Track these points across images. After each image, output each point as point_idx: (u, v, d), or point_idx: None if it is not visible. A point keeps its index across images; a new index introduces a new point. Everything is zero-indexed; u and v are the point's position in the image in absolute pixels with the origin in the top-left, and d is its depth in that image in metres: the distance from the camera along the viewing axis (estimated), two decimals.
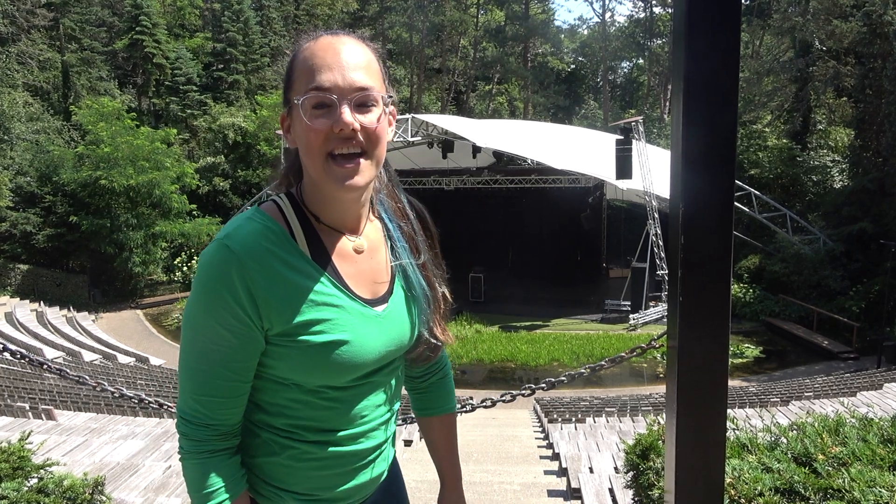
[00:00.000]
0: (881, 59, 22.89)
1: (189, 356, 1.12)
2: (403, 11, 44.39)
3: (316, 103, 1.08)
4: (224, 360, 1.10)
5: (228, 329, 1.08)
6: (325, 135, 1.07)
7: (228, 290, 1.06)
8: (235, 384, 1.13)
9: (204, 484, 1.13)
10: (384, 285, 1.23)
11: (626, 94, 52.39)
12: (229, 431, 1.16)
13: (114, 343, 21.54)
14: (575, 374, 3.35)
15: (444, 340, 1.31)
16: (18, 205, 28.03)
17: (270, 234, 1.11)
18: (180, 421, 1.15)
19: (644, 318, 21.84)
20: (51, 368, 3.56)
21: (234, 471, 1.17)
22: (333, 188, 1.11)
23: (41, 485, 2.67)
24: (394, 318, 1.22)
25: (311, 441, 1.18)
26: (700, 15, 0.85)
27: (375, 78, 1.11)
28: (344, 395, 1.19)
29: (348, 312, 1.15)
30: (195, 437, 1.13)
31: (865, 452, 2.01)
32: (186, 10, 44.36)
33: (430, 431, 1.50)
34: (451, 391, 1.51)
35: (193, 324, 1.11)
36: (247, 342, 1.10)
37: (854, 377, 14.77)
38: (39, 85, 35.20)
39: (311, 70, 1.08)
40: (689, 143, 0.87)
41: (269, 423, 1.19)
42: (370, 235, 1.24)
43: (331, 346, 1.11)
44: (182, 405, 1.14)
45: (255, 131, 35.40)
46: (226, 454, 1.16)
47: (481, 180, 24.82)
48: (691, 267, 0.90)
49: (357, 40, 1.13)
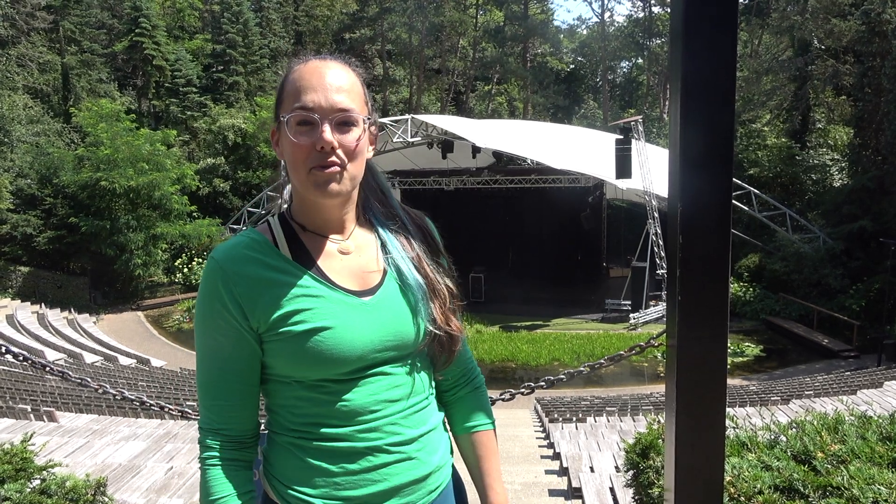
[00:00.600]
0: (880, 57, 22.88)
1: (198, 365, 1.23)
2: (403, 12, 44.36)
3: (300, 121, 1.17)
4: (224, 364, 1.20)
5: (223, 335, 1.18)
6: (308, 151, 1.16)
7: (217, 298, 1.18)
8: (238, 387, 1.21)
9: (211, 492, 1.19)
10: (374, 280, 1.26)
11: (625, 94, 52.38)
12: (240, 439, 1.23)
13: (115, 345, 21.53)
14: (574, 373, 3.36)
15: (450, 331, 1.30)
16: (19, 207, 28.02)
17: (253, 244, 1.22)
18: (199, 430, 1.24)
19: (644, 318, 21.84)
20: (53, 371, 3.57)
21: (241, 483, 1.21)
22: (314, 195, 1.19)
23: (44, 486, 2.68)
24: (384, 307, 1.23)
25: (324, 438, 1.20)
26: (697, 14, 0.85)
27: (357, 100, 1.20)
28: (346, 387, 1.20)
29: (330, 302, 1.20)
30: (208, 444, 1.21)
31: (864, 450, 2.01)
32: (186, 11, 44.36)
33: (465, 451, 1.43)
34: (484, 406, 1.44)
35: (197, 335, 1.23)
36: (241, 345, 1.19)
37: (854, 375, 14.77)
38: (39, 87, 35.20)
39: (297, 91, 1.18)
40: (687, 143, 0.88)
41: (284, 425, 1.24)
42: (357, 238, 1.30)
43: (313, 332, 1.16)
44: (200, 415, 1.24)
45: (255, 133, 35.40)
46: (236, 465, 1.22)
47: (481, 180, 24.82)
48: (690, 266, 0.90)
49: (343, 65, 1.22)
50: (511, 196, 26.11)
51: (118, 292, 28.89)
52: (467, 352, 1.44)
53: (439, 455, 1.32)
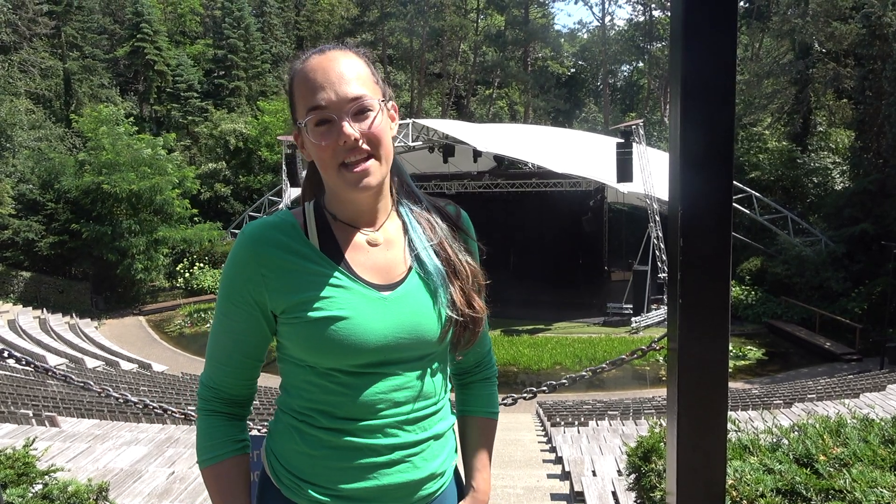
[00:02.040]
0: (881, 60, 22.90)
1: (214, 326, 1.28)
2: (403, 17, 44.47)
3: (318, 121, 1.17)
4: (236, 336, 1.24)
5: (240, 310, 1.22)
6: (333, 149, 1.17)
7: (242, 275, 1.21)
8: (242, 359, 1.26)
9: (201, 438, 1.27)
10: (398, 275, 1.26)
11: (626, 98, 52.43)
12: (232, 400, 1.29)
13: (116, 350, 21.55)
14: (576, 377, 3.36)
15: (472, 313, 1.29)
16: (21, 212, 28.08)
17: (284, 226, 1.24)
18: (199, 384, 1.31)
19: (646, 321, 21.82)
20: (56, 375, 3.57)
21: (230, 432, 1.27)
22: (349, 192, 1.20)
23: (46, 491, 2.67)
24: (403, 303, 1.23)
25: (325, 427, 1.21)
26: (697, 15, 0.85)
27: (367, 83, 1.20)
28: (355, 381, 1.20)
29: (349, 292, 1.20)
30: (203, 396, 1.28)
31: (867, 453, 2.01)
32: (187, 17, 44.49)
33: (464, 432, 1.47)
34: (492, 396, 1.49)
35: (218, 300, 1.27)
36: (254, 325, 1.23)
37: (857, 379, 14.74)
38: (41, 93, 35.32)
39: (306, 92, 1.18)
40: (687, 144, 0.88)
41: (289, 404, 1.26)
42: (388, 230, 1.29)
43: (329, 321, 1.17)
44: (204, 369, 1.31)
45: (257, 137, 35.48)
46: (226, 416, 1.28)
47: (482, 184, 24.86)
48: (691, 268, 0.90)
49: (343, 51, 1.21)
50: (512, 200, 26.12)
51: (120, 297, 28.93)
52: (488, 341, 1.47)
53: (439, 461, 1.30)
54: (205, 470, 1.26)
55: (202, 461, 1.26)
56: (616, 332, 21.67)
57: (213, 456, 1.25)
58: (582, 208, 25.39)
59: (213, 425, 1.26)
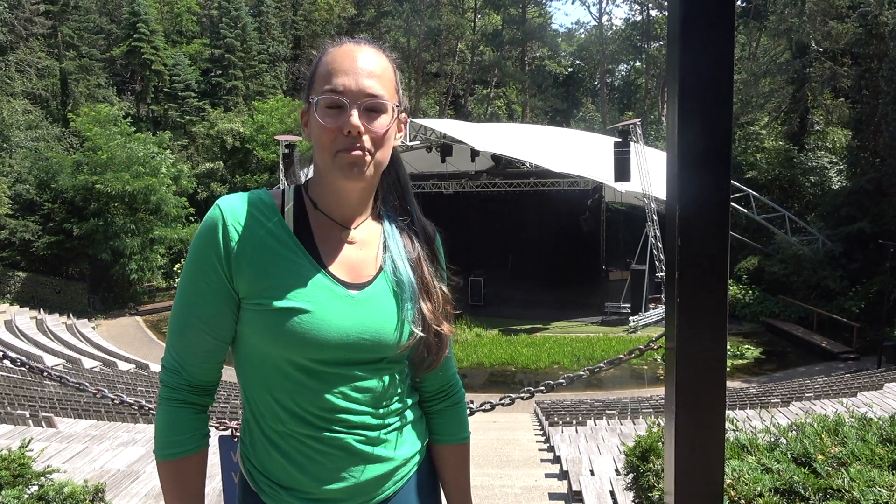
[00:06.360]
0: (877, 59, 22.92)
1: (175, 306, 1.23)
2: (400, 16, 44.45)
3: (329, 104, 1.16)
4: (201, 313, 1.19)
5: (205, 281, 1.18)
6: (335, 134, 1.16)
7: (212, 248, 1.17)
8: (206, 337, 1.20)
9: (164, 431, 1.22)
10: (367, 275, 1.25)
11: (623, 97, 52.46)
12: (199, 385, 1.24)
13: (114, 350, 21.49)
14: (574, 377, 3.35)
15: (441, 331, 1.29)
16: (17, 212, 27.97)
17: (260, 205, 1.22)
18: (161, 369, 1.25)
19: (644, 320, 21.83)
20: (51, 376, 3.56)
21: (197, 426, 1.24)
22: (338, 177, 1.19)
23: (42, 492, 2.67)
24: (369, 304, 1.22)
25: (286, 423, 1.20)
26: (695, 14, 0.85)
27: (388, 87, 1.20)
28: (314, 378, 1.19)
29: (316, 286, 1.18)
30: (168, 383, 1.23)
31: (864, 452, 2.01)
32: (184, 16, 44.41)
33: (438, 461, 1.43)
34: (461, 420, 1.45)
35: (182, 276, 1.22)
36: (221, 301, 1.18)
37: (854, 377, 14.76)
38: (38, 93, 35.20)
39: (329, 73, 1.17)
40: (685, 144, 0.87)
41: (252, 398, 1.24)
42: (363, 231, 1.28)
43: (290, 311, 1.15)
44: (165, 353, 1.25)
45: (253, 136, 35.43)
46: (192, 408, 1.23)
47: (480, 184, 24.82)
48: (688, 267, 0.90)
49: (377, 50, 1.22)
50: (510, 199, 26.12)
51: (117, 297, 28.87)
52: (452, 366, 1.43)
53: (407, 447, 1.31)
54: (166, 464, 1.22)
55: (163, 454, 1.22)
56: (614, 332, 21.67)
57: (177, 451, 1.21)
58: (580, 208, 25.38)
59: (181, 417, 1.22)
